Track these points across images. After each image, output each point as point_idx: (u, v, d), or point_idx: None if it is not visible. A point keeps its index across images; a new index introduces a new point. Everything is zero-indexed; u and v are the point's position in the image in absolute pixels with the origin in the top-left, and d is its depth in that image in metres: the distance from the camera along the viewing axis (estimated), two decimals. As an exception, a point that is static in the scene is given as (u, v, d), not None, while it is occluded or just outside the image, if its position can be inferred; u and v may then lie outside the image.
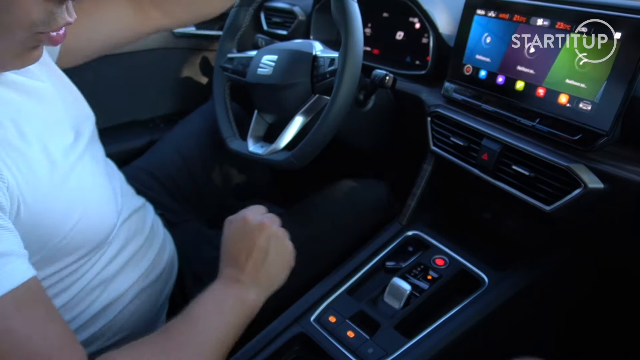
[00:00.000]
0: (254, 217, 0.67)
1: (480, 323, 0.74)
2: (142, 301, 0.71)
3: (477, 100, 0.80)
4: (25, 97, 0.55)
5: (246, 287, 0.62)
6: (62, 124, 0.59)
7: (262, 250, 0.65)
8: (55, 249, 0.55)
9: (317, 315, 0.77)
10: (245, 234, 0.65)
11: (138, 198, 0.78)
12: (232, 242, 0.66)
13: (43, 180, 0.52)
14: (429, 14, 0.91)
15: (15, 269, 0.45)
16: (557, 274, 0.83)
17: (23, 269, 0.46)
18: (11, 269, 0.44)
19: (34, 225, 0.51)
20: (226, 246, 0.67)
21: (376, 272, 0.85)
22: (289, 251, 0.68)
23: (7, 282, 0.44)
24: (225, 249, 0.67)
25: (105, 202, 0.63)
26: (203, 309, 0.59)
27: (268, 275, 0.65)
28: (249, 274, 0.63)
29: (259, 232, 0.65)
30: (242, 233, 0.66)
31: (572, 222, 0.74)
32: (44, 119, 0.56)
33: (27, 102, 0.55)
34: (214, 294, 0.61)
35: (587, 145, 0.66)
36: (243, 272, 0.63)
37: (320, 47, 0.91)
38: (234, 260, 0.64)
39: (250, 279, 0.63)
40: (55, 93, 0.61)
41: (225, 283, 0.63)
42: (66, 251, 0.57)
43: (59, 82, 0.64)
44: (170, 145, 1.07)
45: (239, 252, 0.65)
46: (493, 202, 0.89)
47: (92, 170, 0.62)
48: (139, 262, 0.71)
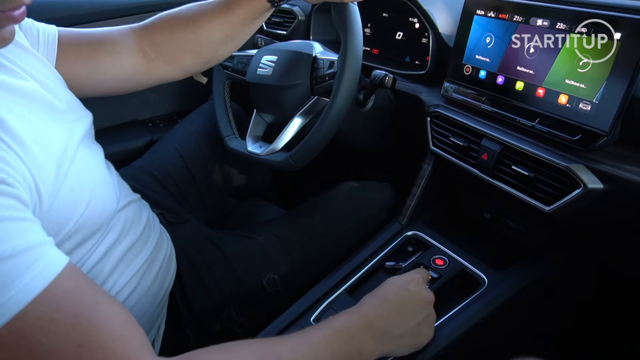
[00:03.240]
0: (422, 288, 0.67)
1: (479, 323, 0.74)
2: (140, 297, 0.71)
3: (476, 101, 0.80)
4: (13, 95, 0.55)
5: (374, 338, 0.60)
6: (53, 122, 0.59)
7: (414, 321, 0.64)
8: (64, 237, 0.55)
9: (317, 315, 0.77)
10: (411, 298, 0.65)
11: (133, 193, 0.79)
12: (391, 297, 0.65)
13: (49, 174, 0.52)
14: (428, 14, 0.91)
15: (54, 256, 0.45)
16: (557, 274, 0.83)
17: (58, 256, 0.46)
18: (50, 258, 0.45)
19: (48, 217, 0.51)
20: (382, 297, 0.65)
21: (376, 272, 0.85)
22: (428, 337, 0.67)
23: (51, 271, 0.44)
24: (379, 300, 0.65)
25: (106, 191, 0.64)
26: (323, 336, 0.57)
27: (399, 342, 0.63)
28: (387, 329, 0.62)
29: (423, 304, 0.66)
30: (407, 294, 0.65)
31: (571, 222, 0.74)
32: (37, 117, 0.56)
33: (17, 100, 0.55)
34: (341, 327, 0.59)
35: (587, 146, 0.66)
36: (384, 324, 0.62)
37: (320, 49, 0.91)
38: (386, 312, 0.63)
39: (382, 334, 0.61)
40: (42, 92, 0.61)
41: (358, 320, 0.61)
42: (72, 236, 0.57)
43: (48, 83, 0.64)
44: (170, 145, 1.07)
45: (394, 309, 0.63)
46: (493, 202, 0.89)
47: (91, 161, 0.63)
48: (137, 255, 0.71)
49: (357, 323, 0.60)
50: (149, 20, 0.80)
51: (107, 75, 0.77)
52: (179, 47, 0.78)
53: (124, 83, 0.80)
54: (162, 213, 0.90)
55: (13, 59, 0.60)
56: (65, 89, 0.68)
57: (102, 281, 0.64)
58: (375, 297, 0.65)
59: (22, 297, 0.42)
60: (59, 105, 0.63)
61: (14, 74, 0.58)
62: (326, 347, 0.56)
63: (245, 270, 0.84)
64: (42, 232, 0.47)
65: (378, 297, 0.65)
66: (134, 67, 0.78)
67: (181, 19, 0.78)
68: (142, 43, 0.78)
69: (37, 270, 0.43)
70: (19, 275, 0.42)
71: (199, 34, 0.77)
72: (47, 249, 0.45)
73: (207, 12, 0.76)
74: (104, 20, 1.19)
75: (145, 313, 0.72)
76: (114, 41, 0.77)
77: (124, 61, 0.77)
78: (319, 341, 0.56)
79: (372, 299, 0.65)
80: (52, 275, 0.44)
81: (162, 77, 0.82)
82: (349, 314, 0.62)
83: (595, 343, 1.02)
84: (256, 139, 0.98)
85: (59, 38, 0.72)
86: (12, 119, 0.51)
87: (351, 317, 0.61)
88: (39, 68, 0.64)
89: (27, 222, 0.46)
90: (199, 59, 0.81)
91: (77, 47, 0.73)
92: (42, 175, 0.51)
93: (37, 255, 0.44)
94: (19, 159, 0.48)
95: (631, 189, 0.64)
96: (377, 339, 0.60)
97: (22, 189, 0.47)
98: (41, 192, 0.50)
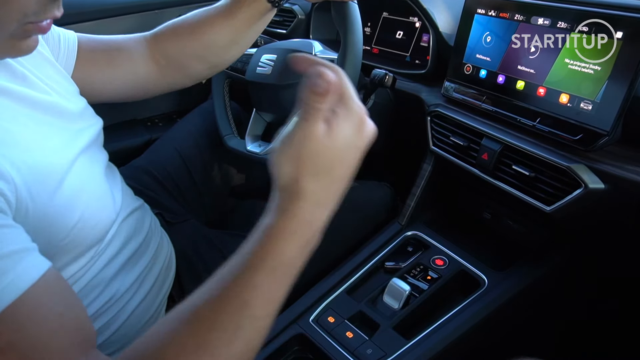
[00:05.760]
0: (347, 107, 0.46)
1: (479, 323, 0.73)
2: (141, 300, 0.71)
3: (477, 100, 0.80)
4: (20, 104, 0.55)
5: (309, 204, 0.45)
6: (57, 132, 0.59)
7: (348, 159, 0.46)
8: (56, 248, 0.55)
9: (316, 315, 0.77)
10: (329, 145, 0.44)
11: (137, 199, 0.79)
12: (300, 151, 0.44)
13: (44, 181, 0.52)
14: (429, 13, 0.91)
15: (30, 263, 0.45)
16: (557, 275, 0.83)
17: (38, 261, 0.46)
18: (27, 264, 0.44)
19: (38, 226, 0.51)
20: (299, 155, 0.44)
21: (375, 272, 0.85)
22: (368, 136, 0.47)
23: (27, 278, 0.43)
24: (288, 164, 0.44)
25: (103, 203, 0.63)
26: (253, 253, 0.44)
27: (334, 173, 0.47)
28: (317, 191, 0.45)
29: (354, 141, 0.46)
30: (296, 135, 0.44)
31: (572, 223, 0.74)
32: (40, 126, 0.56)
33: (23, 110, 0.55)
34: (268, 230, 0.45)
35: (588, 145, 0.65)
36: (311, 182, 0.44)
37: (320, 47, 0.91)
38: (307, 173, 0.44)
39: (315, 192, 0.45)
40: (54, 101, 0.61)
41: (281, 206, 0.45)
42: (66, 250, 0.57)
43: (61, 91, 0.64)
44: (169, 144, 1.06)
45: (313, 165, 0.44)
46: (493, 202, 0.89)
47: (90, 172, 0.62)
48: (137, 261, 0.71)
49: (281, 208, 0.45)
50: (158, 28, 0.81)
51: (121, 82, 0.77)
52: (186, 53, 0.79)
53: (136, 90, 0.80)
54: (161, 213, 0.90)
55: (29, 66, 0.60)
56: (79, 97, 0.68)
57: (101, 290, 0.64)
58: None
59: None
60: (72, 113, 0.63)
61: (28, 82, 0.58)
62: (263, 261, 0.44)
63: (244, 271, 0.84)
64: (22, 237, 0.46)
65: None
66: (147, 75, 0.79)
67: (186, 26, 0.78)
68: (153, 51, 0.79)
69: (10, 279, 0.42)
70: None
71: (204, 40, 0.77)
72: (26, 255, 0.45)
73: (210, 17, 0.76)
74: (105, 18, 1.18)
75: (143, 317, 0.72)
76: (130, 49, 0.77)
77: (138, 69, 0.78)
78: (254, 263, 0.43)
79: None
80: (28, 283, 0.43)
81: (172, 84, 0.83)
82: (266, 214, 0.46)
83: (595, 343, 1.02)
84: (255, 138, 0.98)
85: (78, 44, 0.72)
86: (11, 125, 0.51)
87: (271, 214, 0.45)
88: (54, 76, 0.64)
89: (5, 229, 0.45)
90: (206, 64, 0.81)
91: (94, 53, 0.74)
92: (35, 183, 0.50)
93: (10, 265, 0.43)
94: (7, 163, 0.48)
95: (632, 189, 0.64)
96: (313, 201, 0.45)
97: (9, 194, 0.46)
98: (34, 198, 0.50)
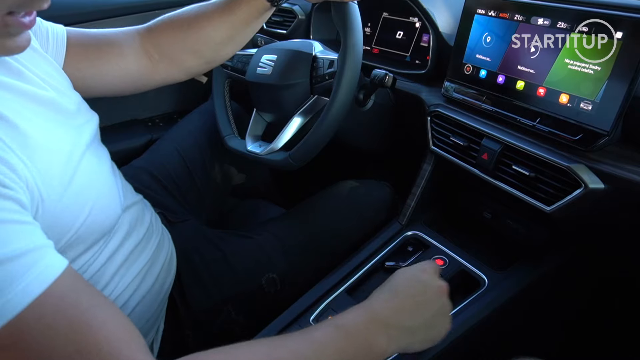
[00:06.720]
0: (434, 278, 0.63)
1: (479, 324, 0.73)
2: (142, 298, 0.71)
3: (477, 100, 0.80)
4: (23, 99, 0.55)
5: (385, 333, 0.56)
6: (61, 128, 0.59)
7: (428, 312, 0.59)
8: (64, 245, 0.55)
9: (316, 315, 0.77)
10: (423, 289, 0.61)
11: (136, 194, 0.79)
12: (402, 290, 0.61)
13: (54, 179, 0.52)
14: (429, 13, 0.91)
15: (52, 259, 0.45)
16: (557, 275, 0.83)
17: (58, 259, 0.46)
18: (49, 261, 0.45)
19: (50, 223, 0.51)
20: (392, 290, 0.61)
21: (376, 272, 0.85)
22: (445, 329, 0.62)
23: (50, 274, 0.44)
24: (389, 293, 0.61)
25: (110, 198, 0.63)
26: (325, 335, 0.53)
27: (413, 336, 0.59)
28: (399, 323, 0.57)
29: (437, 295, 0.61)
30: (419, 285, 0.61)
31: (572, 223, 0.74)
32: (45, 122, 0.56)
33: (27, 105, 0.55)
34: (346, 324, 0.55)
35: (588, 145, 0.66)
36: (396, 317, 0.57)
37: (320, 48, 0.91)
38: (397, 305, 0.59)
39: (394, 329, 0.57)
40: (53, 96, 0.61)
41: (365, 316, 0.57)
42: (72, 246, 0.57)
43: (58, 86, 0.64)
44: (170, 144, 1.06)
45: (405, 301, 0.59)
46: (493, 202, 0.89)
47: (97, 167, 0.62)
48: (138, 257, 0.71)
49: (364, 318, 0.56)
50: (152, 22, 0.80)
51: (113, 76, 0.77)
52: (181, 48, 0.78)
53: (128, 84, 0.80)
54: (163, 212, 0.90)
55: (25, 62, 0.60)
56: (74, 91, 0.68)
57: (103, 286, 0.64)
58: (384, 290, 0.61)
59: (20, 300, 0.41)
60: (69, 109, 0.63)
61: (26, 78, 0.58)
62: (330, 347, 0.52)
63: (245, 270, 0.84)
64: (41, 235, 0.47)
65: (387, 290, 0.61)
66: (139, 69, 0.79)
67: (183, 20, 0.78)
68: (147, 45, 0.78)
69: (35, 274, 0.43)
70: (17, 279, 0.42)
71: (200, 35, 0.77)
72: (45, 252, 0.45)
73: (208, 13, 0.76)
74: (105, 19, 1.19)
75: (144, 315, 0.72)
76: (121, 43, 0.77)
77: (130, 63, 0.77)
78: (322, 341, 0.53)
79: (381, 293, 0.61)
80: (51, 279, 0.44)
81: (166, 78, 0.82)
82: (355, 310, 0.58)
83: (595, 343, 1.02)
84: (256, 138, 0.98)
85: (67, 38, 0.71)
86: (21, 122, 0.51)
87: (357, 313, 0.57)
88: (49, 71, 0.64)
89: (27, 225, 0.45)
90: (202, 59, 0.81)
91: (85, 47, 0.73)
92: (46, 181, 0.51)
93: (36, 259, 0.44)
94: (21, 162, 0.48)
95: (632, 189, 0.64)
96: (388, 334, 0.56)
97: (22, 192, 0.47)
98: (44, 197, 0.50)
